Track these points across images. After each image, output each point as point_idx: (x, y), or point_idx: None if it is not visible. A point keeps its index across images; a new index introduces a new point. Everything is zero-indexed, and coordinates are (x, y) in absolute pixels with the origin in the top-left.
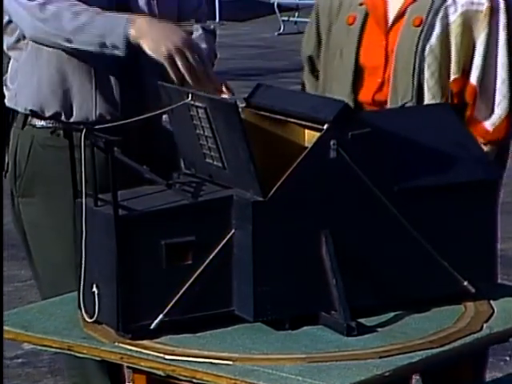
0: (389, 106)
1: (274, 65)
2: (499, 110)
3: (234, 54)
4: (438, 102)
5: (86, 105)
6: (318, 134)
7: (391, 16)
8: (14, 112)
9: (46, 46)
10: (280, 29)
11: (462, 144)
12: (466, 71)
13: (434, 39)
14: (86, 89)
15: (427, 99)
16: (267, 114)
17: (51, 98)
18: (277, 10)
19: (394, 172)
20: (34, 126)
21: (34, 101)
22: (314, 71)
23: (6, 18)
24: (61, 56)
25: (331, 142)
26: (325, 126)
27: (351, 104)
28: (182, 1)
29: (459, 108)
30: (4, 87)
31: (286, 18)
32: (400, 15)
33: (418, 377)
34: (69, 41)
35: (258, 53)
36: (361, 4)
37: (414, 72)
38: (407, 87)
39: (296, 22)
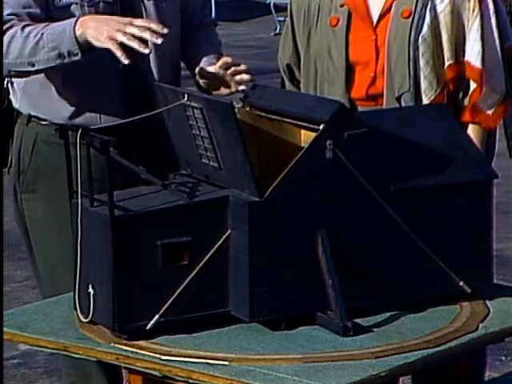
0: (385, 97)
1: (270, 65)
2: (497, 93)
3: (230, 55)
4: (434, 89)
5: (91, 120)
6: (314, 134)
7: (374, 12)
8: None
9: (24, 77)
10: (276, 29)
11: (458, 144)
12: (459, 57)
13: (425, 29)
14: (91, 106)
15: (424, 87)
16: (263, 114)
17: (55, 114)
18: (273, 11)
19: (391, 172)
20: (39, 122)
21: (39, 111)
22: (294, 79)
23: None
24: (67, 74)
25: (327, 143)
26: (321, 126)
27: (346, 102)
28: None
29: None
30: (9, 84)
31: (281, 19)
32: (386, 10)
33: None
34: (31, 64)
35: (254, 53)
36: (342, 5)
37: (409, 62)
38: (403, 77)
39: None
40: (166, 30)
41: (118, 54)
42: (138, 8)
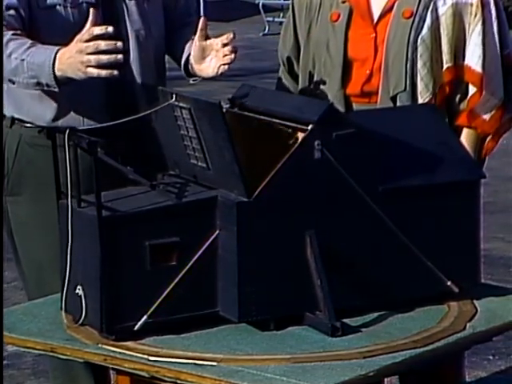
0: (380, 95)
1: (259, 65)
2: (495, 98)
3: None
4: (430, 91)
5: (74, 123)
6: (302, 135)
7: (375, 10)
8: None
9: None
10: (265, 29)
11: (446, 144)
12: (458, 61)
13: (425, 30)
14: (74, 109)
15: (420, 88)
16: (252, 114)
17: (38, 117)
18: (262, 11)
19: (379, 172)
20: (22, 125)
21: (22, 113)
22: (292, 72)
23: None
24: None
25: (316, 143)
26: (309, 127)
27: (341, 97)
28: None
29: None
30: None
31: (270, 19)
32: (388, 9)
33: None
34: (12, 82)
35: (243, 53)
36: (343, 1)
37: (406, 62)
38: (400, 77)
39: (281, 23)
40: (120, 44)
41: (103, 74)
42: (120, 8)
